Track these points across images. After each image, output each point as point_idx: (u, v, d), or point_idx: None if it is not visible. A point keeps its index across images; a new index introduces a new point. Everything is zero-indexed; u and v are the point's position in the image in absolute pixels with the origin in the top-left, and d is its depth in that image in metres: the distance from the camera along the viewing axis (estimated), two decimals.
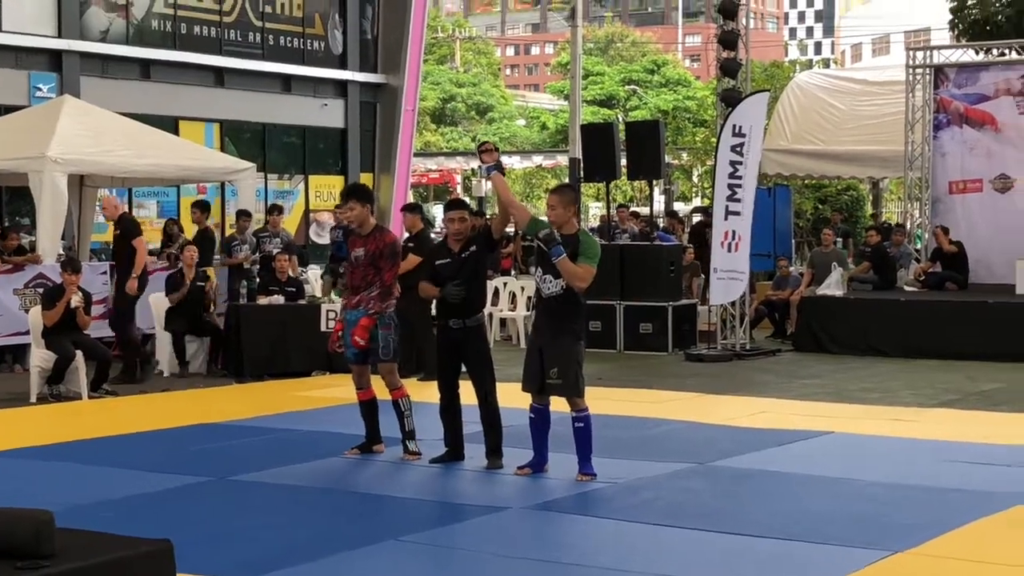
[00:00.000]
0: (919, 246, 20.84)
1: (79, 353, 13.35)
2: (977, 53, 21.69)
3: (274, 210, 18.00)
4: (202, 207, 17.65)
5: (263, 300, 15.53)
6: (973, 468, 9.55)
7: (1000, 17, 25.82)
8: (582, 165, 20.61)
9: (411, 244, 14.24)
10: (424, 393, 11.42)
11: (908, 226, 21.24)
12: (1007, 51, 21.79)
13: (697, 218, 25.11)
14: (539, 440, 9.23)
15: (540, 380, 9.02)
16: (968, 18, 26.46)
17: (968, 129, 19.99)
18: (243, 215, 17.28)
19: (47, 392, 13.42)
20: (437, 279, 9.59)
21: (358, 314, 9.85)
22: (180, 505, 8.49)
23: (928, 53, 20.88)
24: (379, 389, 10.12)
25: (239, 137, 25.09)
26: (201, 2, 23.91)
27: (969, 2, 26.66)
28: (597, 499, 8.67)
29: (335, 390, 13.79)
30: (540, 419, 9.18)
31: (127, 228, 15.26)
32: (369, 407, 10.16)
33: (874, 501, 8.47)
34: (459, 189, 51.99)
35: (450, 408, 9.72)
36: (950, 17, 27.08)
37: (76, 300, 13.43)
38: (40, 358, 13.41)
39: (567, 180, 35.33)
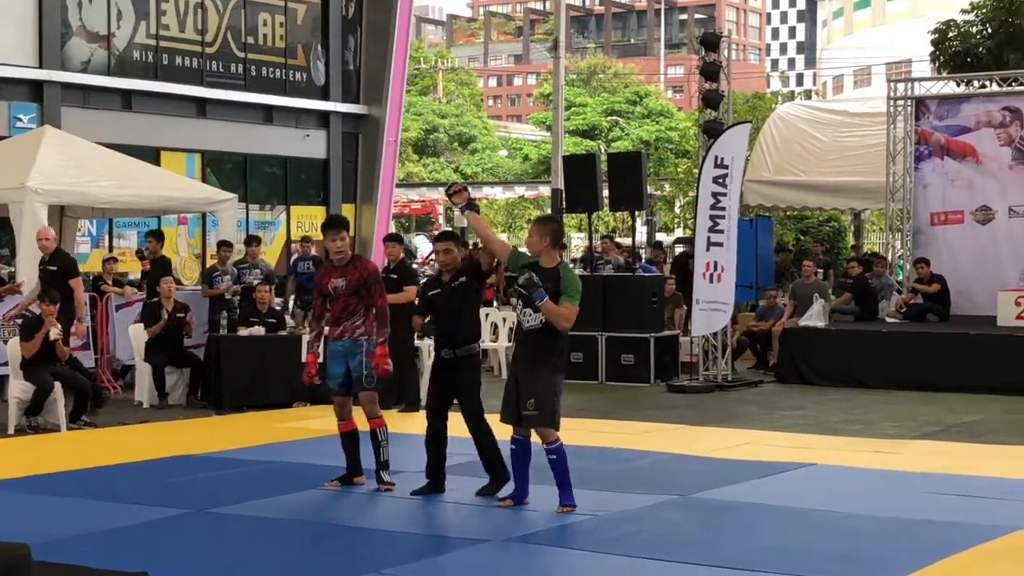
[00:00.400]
0: (901, 277, 20.88)
1: (58, 384, 13.27)
2: (958, 85, 21.80)
3: (252, 241, 17.94)
4: (157, 236, 17.44)
5: (243, 331, 15.46)
6: (954, 500, 9.53)
7: (981, 49, 25.94)
8: (564, 196, 20.61)
9: (393, 275, 14.22)
10: (404, 424, 11.39)
11: (890, 257, 21.28)
12: (988, 83, 21.93)
13: (680, 249, 25.12)
14: (520, 472, 9.19)
15: (518, 412, 8.98)
16: (949, 50, 26.57)
17: (949, 161, 20.07)
18: (224, 246, 17.22)
19: (25, 424, 13.32)
20: (430, 309, 9.67)
21: (343, 345, 9.83)
22: (158, 538, 8.41)
23: (909, 85, 20.97)
24: (361, 421, 10.07)
25: (221, 168, 25.05)
26: (183, 33, 23.91)
27: (950, 34, 26.78)
28: (578, 531, 8.62)
29: (315, 422, 13.71)
30: (521, 451, 9.14)
31: (65, 265, 14.82)
32: (351, 438, 10.11)
33: (855, 534, 8.45)
34: (441, 219, 52.01)
35: (436, 438, 9.67)
36: (931, 49, 27.20)
37: (55, 332, 13.36)
38: (19, 389, 13.32)
39: (549, 211, 35.36)
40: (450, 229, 12.10)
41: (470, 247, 24.19)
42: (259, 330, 15.47)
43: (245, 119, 25.06)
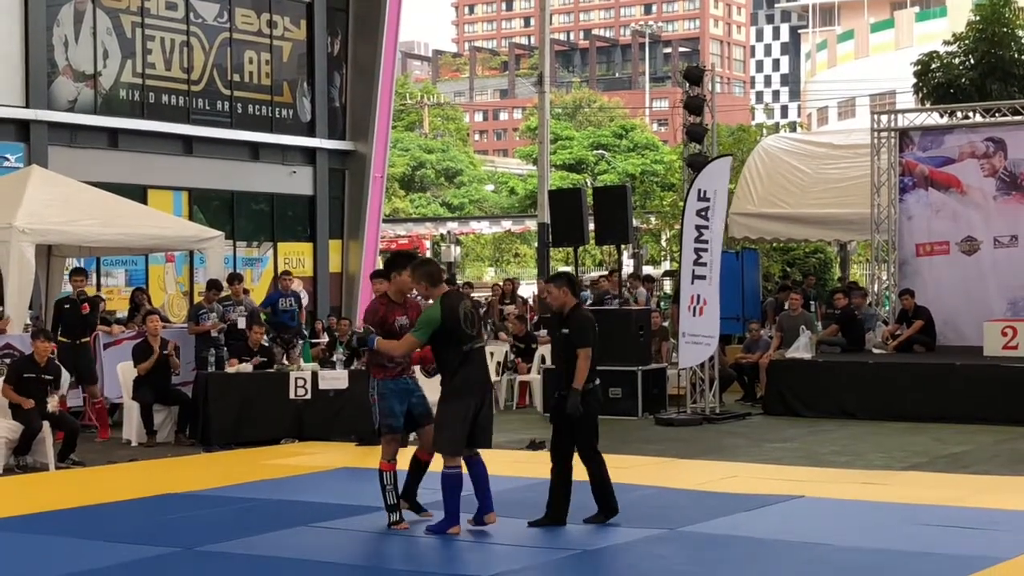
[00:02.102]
0: (887, 308, 20.94)
1: (46, 424, 13.25)
2: (941, 116, 21.92)
3: (235, 279, 17.94)
4: (84, 274, 17.24)
5: (232, 368, 15.48)
6: (943, 532, 9.55)
7: (964, 80, 26.10)
8: (551, 230, 20.68)
9: None
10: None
11: (876, 288, 21.35)
12: (971, 114, 22.04)
13: (668, 281, 25.18)
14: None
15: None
16: (932, 81, 26.73)
17: (934, 192, 20.15)
18: (213, 286, 17.23)
19: (13, 463, 13.30)
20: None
21: (405, 383, 9.79)
22: None
23: (893, 116, 21.09)
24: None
25: (208, 205, 25.08)
26: (169, 71, 23.97)
27: (933, 66, 26.95)
28: (568, 566, 8.64)
29: (304, 458, 13.72)
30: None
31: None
32: (398, 476, 9.91)
33: (844, 566, 8.47)
34: (428, 254, 52.07)
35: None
36: (914, 80, 27.38)
37: (52, 404, 13.41)
38: (7, 428, 13.29)
39: (536, 245, 35.43)
40: (564, 271, 12.12)
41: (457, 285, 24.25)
42: (246, 367, 15.48)
43: (231, 156, 25.10)
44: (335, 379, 15.04)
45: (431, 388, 9.99)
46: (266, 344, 16.54)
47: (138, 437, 15.21)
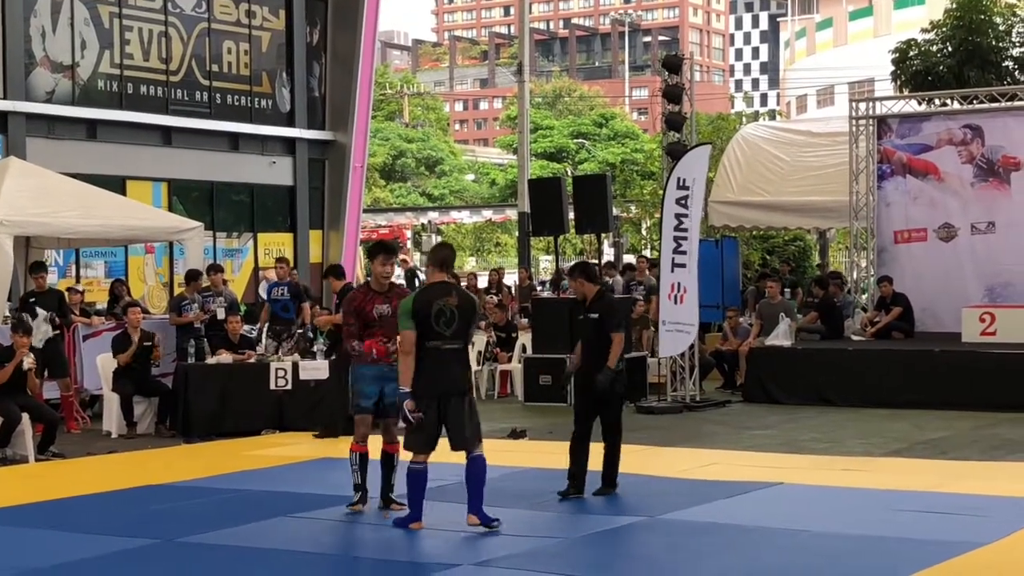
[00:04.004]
0: (866, 295, 21.00)
1: (25, 416, 13.21)
2: (919, 104, 21.98)
3: (215, 269, 17.90)
4: (44, 269, 17.13)
5: (212, 360, 15.47)
6: (922, 517, 9.59)
7: (941, 67, 26.18)
8: (531, 219, 20.69)
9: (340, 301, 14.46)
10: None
11: (855, 276, 21.41)
12: (949, 101, 22.12)
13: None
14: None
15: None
16: (910, 69, 26.80)
17: (911, 179, 20.22)
18: (193, 276, 17.18)
19: None
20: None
21: (380, 370, 9.86)
22: (127, 569, 8.40)
23: (871, 104, 21.14)
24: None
25: (187, 196, 25.02)
26: (147, 62, 23.89)
27: (911, 53, 27.02)
28: (548, 554, 8.65)
29: (284, 449, 13.72)
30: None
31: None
32: (366, 459, 10.04)
33: (824, 553, 8.51)
34: (409, 244, 52.02)
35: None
36: (892, 68, 27.44)
37: (28, 362, 13.35)
38: None
39: (517, 234, 35.45)
40: (578, 261, 12.30)
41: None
42: (226, 357, 15.47)
43: (211, 147, 25.03)
44: (315, 369, 15.03)
45: None
46: (248, 335, 16.53)
47: (118, 429, 15.18)
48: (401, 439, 9.66)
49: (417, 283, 37.73)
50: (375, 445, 10.07)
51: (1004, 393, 16.14)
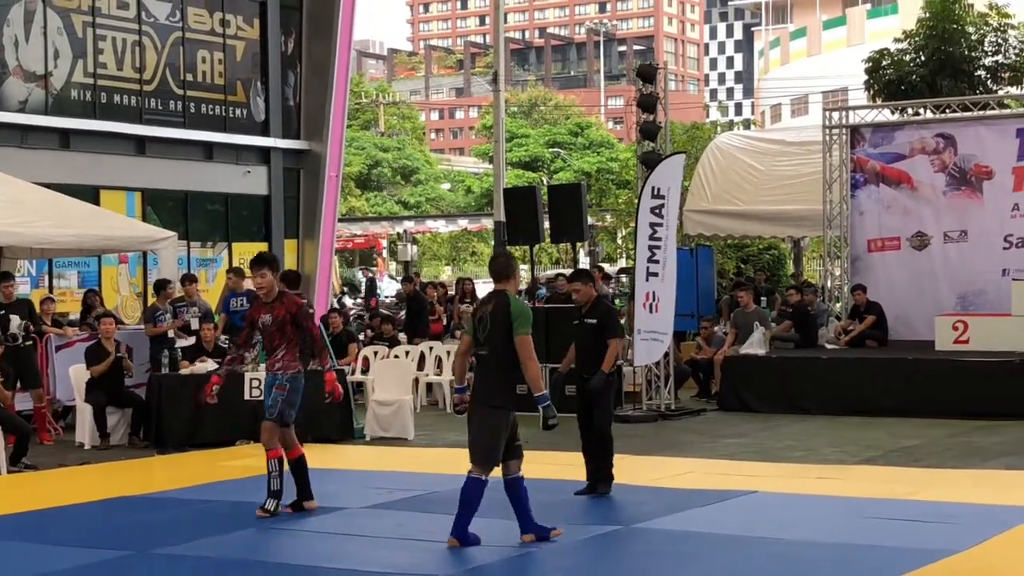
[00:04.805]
0: (840, 304, 21.07)
1: None
2: (892, 113, 22.08)
3: (188, 279, 17.82)
4: (11, 279, 17.06)
5: (186, 369, 15.41)
6: (895, 525, 9.63)
7: (914, 77, 26.32)
8: (506, 228, 20.70)
9: None
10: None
11: (829, 284, 21.49)
12: (921, 110, 22.24)
13: (624, 278, 25.22)
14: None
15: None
16: (883, 78, 26.94)
17: (885, 188, 20.32)
18: (162, 286, 17.12)
19: None
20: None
21: (268, 378, 10.41)
22: None
23: (844, 113, 21.23)
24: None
25: (161, 205, 24.91)
26: (121, 71, 23.79)
27: (884, 63, 27.16)
28: (525, 564, 8.66)
29: (258, 459, 13.62)
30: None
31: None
32: (282, 463, 10.42)
33: (798, 561, 8.53)
34: (385, 253, 52.00)
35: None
36: (866, 77, 27.57)
37: None
38: None
39: (493, 244, 35.44)
40: (580, 268, 12.46)
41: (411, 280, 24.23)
42: (210, 364, 15.36)
43: (185, 156, 24.93)
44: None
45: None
46: (222, 345, 16.46)
47: (91, 440, 15.10)
48: (263, 440, 10.35)
49: (377, 291, 37.79)
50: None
51: (977, 401, 16.23)
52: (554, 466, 12.81)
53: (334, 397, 10.89)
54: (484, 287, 33.19)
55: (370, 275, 33.73)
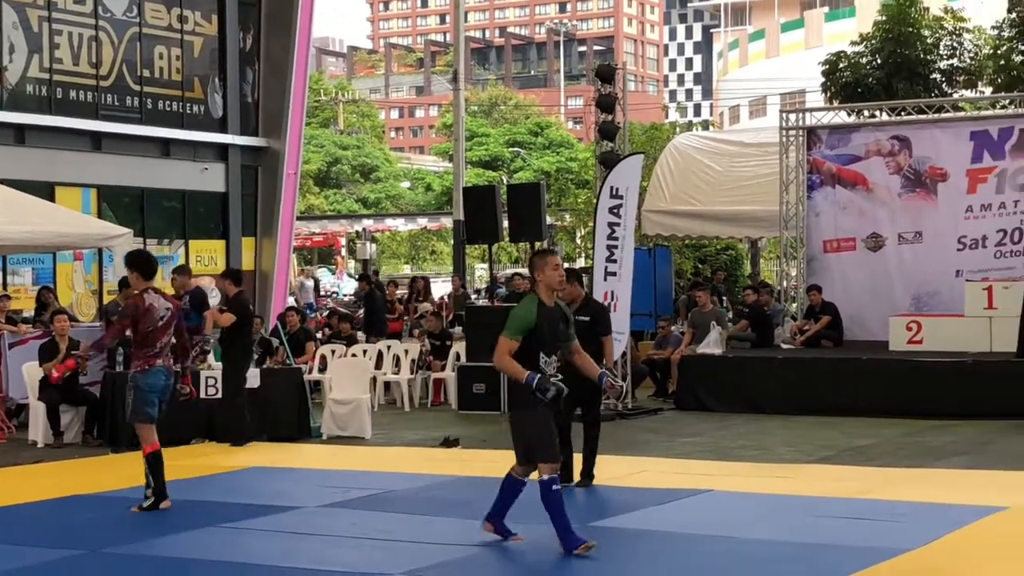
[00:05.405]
0: (796, 304, 21.20)
1: None
2: (849, 115, 22.23)
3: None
4: None
5: None
6: (848, 523, 9.69)
7: (871, 79, 26.53)
8: (465, 228, 20.71)
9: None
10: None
11: (785, 284, 21.62)
12: (877, 113, 22.40)
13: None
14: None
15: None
16: (840, 80, 27.14)
17: (841, 189, 20.45)
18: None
19: None
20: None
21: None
22: None
23: (801, 115, 21.35)
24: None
25: (118, 202, 24.77)
26: (77, 66, 23.64)
27: (841, 65, 27.36)
28: (479, 563, 8.66)
29: (213, 458, 13.63)
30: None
31: None
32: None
33: (752, 559, 8.57)
34: (344, 251, 51.86)
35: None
36: (823, 80, 27.76)
37: None
38: None
39: (452, 242, 35.43)
40: (567, 268, 12.22)
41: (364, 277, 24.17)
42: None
43: (142, 153, 24.80)
44: (247, 378, 14.92)
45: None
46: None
47: (44, 438, 15.00)
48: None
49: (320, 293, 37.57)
50: None
51: (930, 401, 16.36)
52: (507, 464, 12.81)
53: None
54: (441, 287, 33.17)
55: (314, 278, 33.64)
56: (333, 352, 19.18)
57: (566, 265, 12.68)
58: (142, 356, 10.55)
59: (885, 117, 21.58)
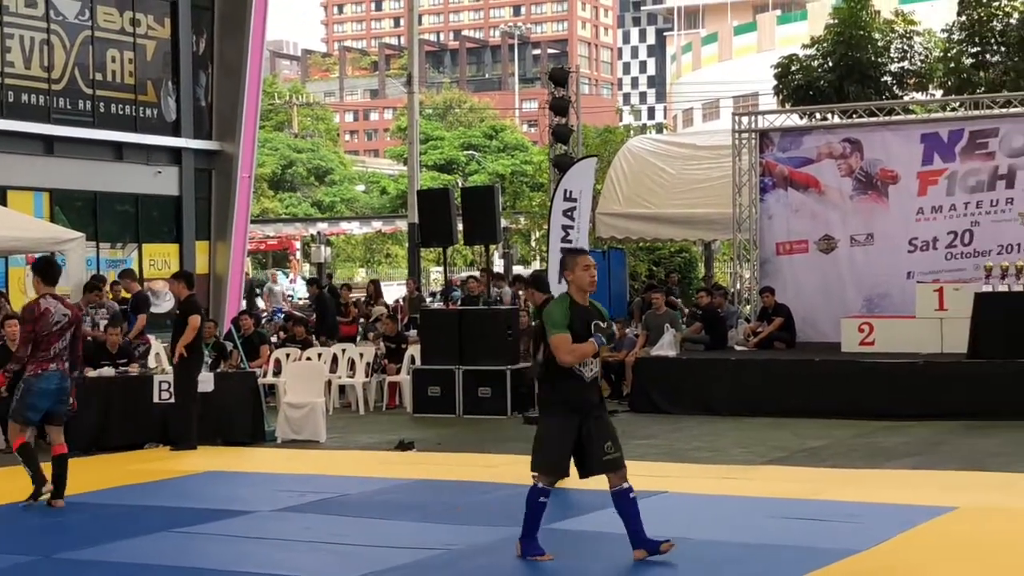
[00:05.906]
0: (749, 306, 21.32)
1: None
2: (801, 118, 22.40)
3: (98, 281, 17.61)
4: None
5: (92, 373, 15.22)
6: (800, 524, 9.77)
7: (822, 82, 26.74)
8: (419, 230, 20.71)
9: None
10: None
11: (738, 286, 21.74)
12: (829, 115, 22.58)
13: None
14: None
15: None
16: (792, 83, 27.33)
17: (793, 192, 20.59)
18: (92, 287, 16.94)
19: None
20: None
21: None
22: None
23: (753, 118, 21.48)
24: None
25: (70, 206, 24.59)
26: (28, 70, 23.45)
27: (793, 68, 27.55)
28: (433, 566, 8.67)
29: (168, 463, 13.57)
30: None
31: None
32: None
33: (705, 560, 8.63)
34: (299, 255, 51.71)
35: None
36: (775, 83, 27.94)
37: None
38: None
39: (407, 245, 35.41)
40: (533, 272, 12.15)
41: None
42: (108, 371, 15.25)
43: (94, 156, 24.63)
44: (201, 382, 14.86)
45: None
46: (131, 348, 16.32)
47: None
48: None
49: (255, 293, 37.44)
50: None
51: (882, 402, 16.49)
52: (461, 467, 12.84)
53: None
54: (396, 290, 33.13)
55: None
56: (287, 356, 19.14)
57: (519, 269, 12.61)
58: (35, 360, 10.69)
59: (837, 120, 21.75)
